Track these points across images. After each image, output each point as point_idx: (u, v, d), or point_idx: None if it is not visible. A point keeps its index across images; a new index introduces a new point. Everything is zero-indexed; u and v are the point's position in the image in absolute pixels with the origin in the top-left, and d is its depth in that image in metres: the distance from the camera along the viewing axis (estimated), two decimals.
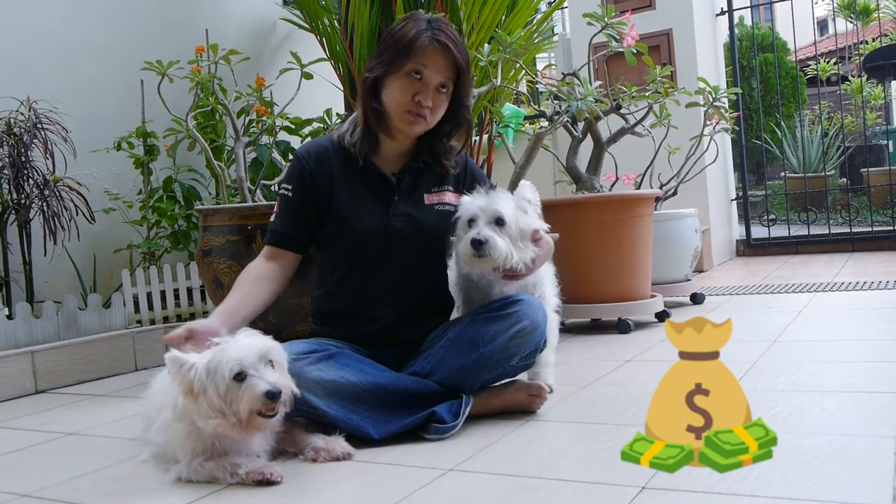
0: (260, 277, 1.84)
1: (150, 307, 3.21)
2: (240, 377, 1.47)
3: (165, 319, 3.25)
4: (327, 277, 1.94)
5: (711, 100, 3.38)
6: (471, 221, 1.83)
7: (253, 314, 1.80)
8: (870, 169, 6.89)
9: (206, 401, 1.48)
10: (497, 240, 1.77)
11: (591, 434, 1.68)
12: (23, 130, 2.92)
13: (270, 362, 1.52)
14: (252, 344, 1.51)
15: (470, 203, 1.85)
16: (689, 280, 3.69)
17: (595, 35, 3.22)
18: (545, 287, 2.02)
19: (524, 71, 3.20)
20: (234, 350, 1.49)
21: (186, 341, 1.62)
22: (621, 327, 2.97)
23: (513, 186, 2.70)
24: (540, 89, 4.40)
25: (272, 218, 1.91)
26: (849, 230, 5.43)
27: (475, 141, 3.51)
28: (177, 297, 3.34)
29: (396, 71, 1.82)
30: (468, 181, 2.00)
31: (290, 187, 1.90)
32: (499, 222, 1.80)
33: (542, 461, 1.53)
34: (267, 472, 1.50)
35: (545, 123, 3.22)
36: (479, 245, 1.77)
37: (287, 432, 1.67)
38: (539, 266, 1.90)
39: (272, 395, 1.46)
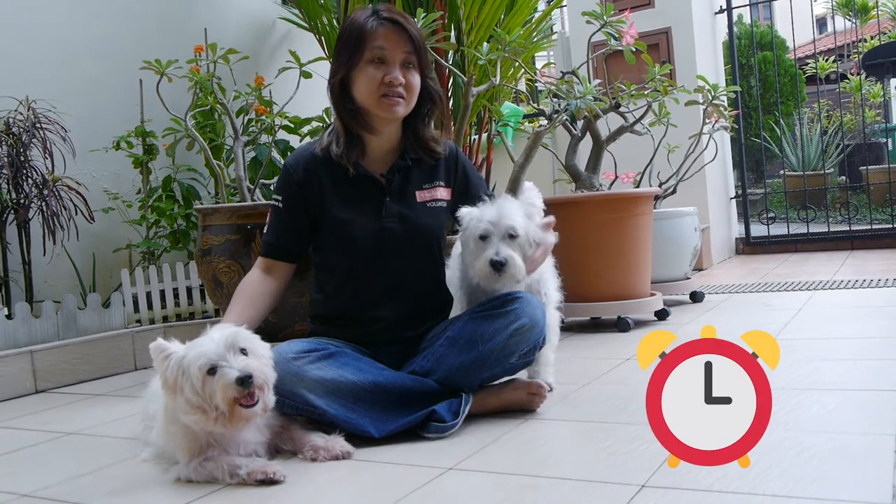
0: (258, 294, 1.87)
1: (150, 307, 3.21)
2: (212, 371, 1.48)
3: (165, 319, 3.25)
4: (325, 281, 1.94)
5: (710, 98, 3.38)
6: (483, 237, 1.82)
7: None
8: (869, 167, 6.89)
9: (183, 398, 1.49)
10: (515, 258, 1.79)
11: (591, 433, 1.67)
12: (21, 130, 2.92)
13: (242, 350, 1.52)
14: (218, 336, 1.51)
15: (479, 216, 1.83)
16: (688, 278, 3.69)
17: (594, 33, 3.22)
18: (548, 285, 2.04)
19: (523, 69, 3.20)
20: (202, 345, 1.50)
21: None
22: (621, 326, 2.97)
23: (512, 185, 2.70)
24: (539, 88, 4.40)
25: (265, 230, 1.93)
26: (848, 228, 5.42)
27: (474, 140, 3.51)
28: (176, 296, 3.34)
29: (358, 63, 1.83)
30: (459, 174, 1.99)
31: (279, 198, 1.91)
32: (511, 236, 1.80)
33: (542, 460, 1.53)
34: (269, 471, 1.49)
35: (544, 122, 3.22)
36: (499, 267, 1.77)
37: (286, 430, 1.67)
38: (537, 267, 1.90)
39: (242, 381, 1.46)
